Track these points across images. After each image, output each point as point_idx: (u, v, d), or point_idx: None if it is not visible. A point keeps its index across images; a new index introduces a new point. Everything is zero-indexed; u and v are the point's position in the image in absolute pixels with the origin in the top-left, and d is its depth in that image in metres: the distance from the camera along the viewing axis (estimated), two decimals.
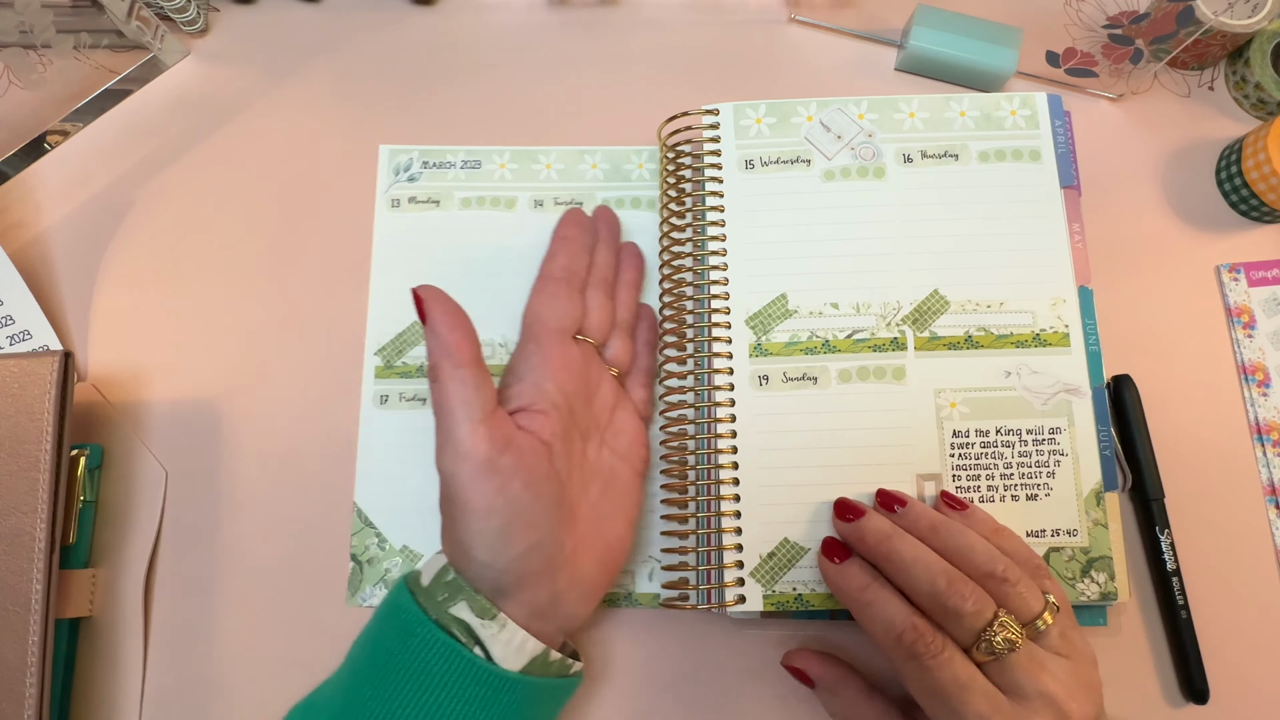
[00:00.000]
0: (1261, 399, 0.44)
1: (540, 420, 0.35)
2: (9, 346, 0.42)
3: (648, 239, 0.45)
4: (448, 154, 0.46)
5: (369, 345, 0.44)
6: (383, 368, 0.43)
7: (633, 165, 0.46)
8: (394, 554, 0.41)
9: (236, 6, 0.51)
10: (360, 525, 0.41)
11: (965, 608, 0.31)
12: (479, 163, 0.46)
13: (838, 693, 0.37)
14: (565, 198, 0.46)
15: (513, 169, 0.46)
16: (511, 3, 0.51)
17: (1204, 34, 0.44)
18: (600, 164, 0.46)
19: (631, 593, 0.40)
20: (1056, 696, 0.31)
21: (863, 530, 0.35)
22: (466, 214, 0.45)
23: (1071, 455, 0.39)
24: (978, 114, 0.43)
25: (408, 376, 0.43)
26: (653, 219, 0.45)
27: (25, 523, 0.36)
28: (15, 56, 0.46)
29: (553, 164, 0.46)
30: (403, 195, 0.46)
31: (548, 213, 0.45)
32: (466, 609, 0.32)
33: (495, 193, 0.46)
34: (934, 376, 0.39)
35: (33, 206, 0.46)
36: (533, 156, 0.46)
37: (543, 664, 0.33)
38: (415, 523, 0.41)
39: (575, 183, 0.46)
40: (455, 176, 0.46)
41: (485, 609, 0.32)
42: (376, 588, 0.40)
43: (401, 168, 0.46)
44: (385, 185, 0.46)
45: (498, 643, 0.32)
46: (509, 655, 0.32)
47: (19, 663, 0.35)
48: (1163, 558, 0.41)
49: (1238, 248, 0.47)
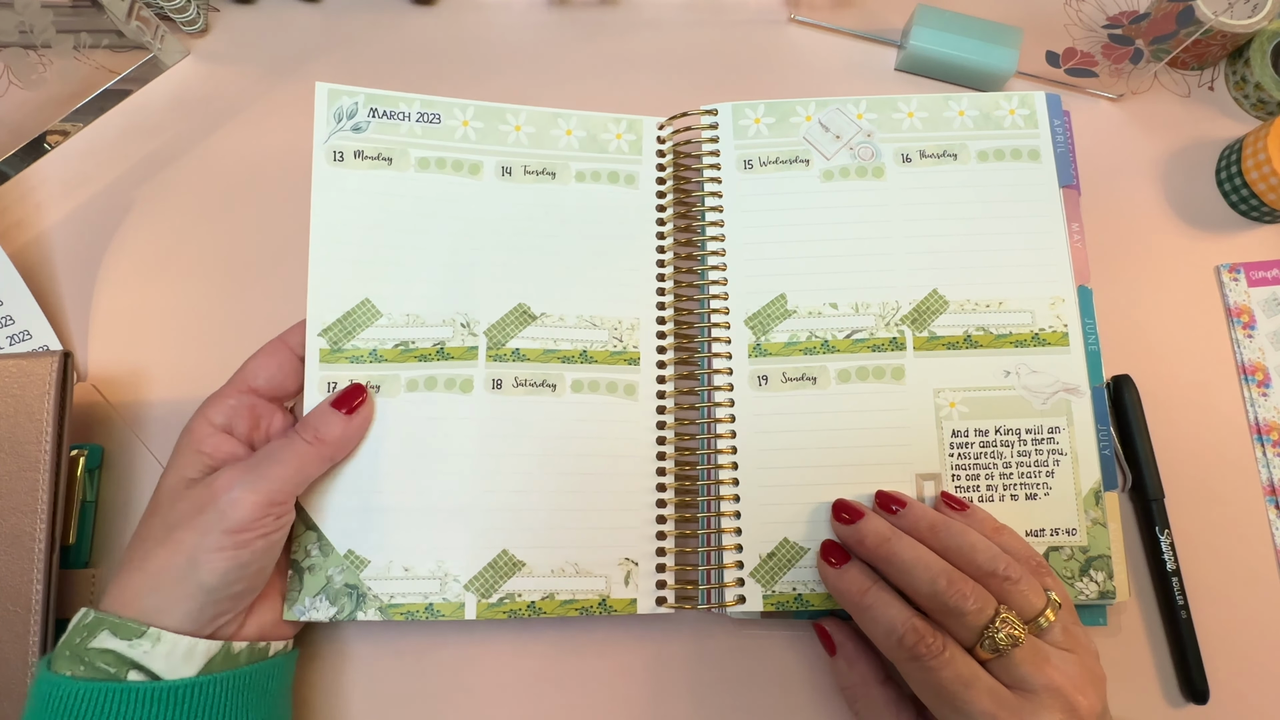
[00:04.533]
0: (1261, 399, 0.44)
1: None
2: (9, 346, 0.42)
3: (626, 216, 0.42)
4: (400, 102, 0.41)
5: (311, 326, 0.38)
6: (328, 351, 0.38)
7: (610, 135, 0.42)
8: (337, 560, 0.37)
9: (236, 6, 0.51)
10: (302, 527, 0.37)
11: (966, 606, 0.31)
12: (438, 116, 0.41)
13: (854, 666, 0.36)
14: (536, 166, 0.41)
15: (477, 128, 0.41)
16: (511, 3, 0.51)
17: (1204, 34, 0.44)
18: (576, 130, 0.42)
19: (605, 599, 0.38)
20: (1064, 689, 0.31)
21: (861, 532, 0.35)
22: (424, 177, 0.40)
23: (1070, 455, 0.39)
24: (976, 113, 0.43)
25: (359, 361, 0.38)
26: (630, 195, 0.42)
27: (25, 523, 0.36)
28: (15, 56, 0.46)
29: (523, 126, 0.42)
30: (347, 148, 0.40)
31: (517, 182, 0.41)
32: (110, 637, 0.31)
33: (458, 154, 0.41)
34: (933, 376, 0.39)
35: (33, 206, 0.46)
36: (500, 115, 0.42)
37: (225, 658, 0.32)
38: (363, 524, 0.37)
39: (547, 149, 0.42)
40: (410, 131, 0.41)
41: (132, 629, 0.31)
42: (318, 599, 0.36)
43: (345, 113, 0.40)
44: (325, 133, 0.40)
45: (157, 657, 0.31)
46: (176, 665, 0.31)
47: (19, 663, 0.35)
48: (1163, 558, 0.41)
49: (1238, 248, 0.47)
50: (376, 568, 0.37)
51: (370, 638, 0.40)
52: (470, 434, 0.38)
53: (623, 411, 0.40)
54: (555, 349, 0.40)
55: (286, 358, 0.38)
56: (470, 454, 0.38)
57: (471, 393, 0.39)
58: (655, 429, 0.40)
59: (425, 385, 0.39)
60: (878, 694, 0.35)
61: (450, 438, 0.38)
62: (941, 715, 0.32)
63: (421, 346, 0.39)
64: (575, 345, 0.40)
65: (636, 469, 0.39)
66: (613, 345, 0.40)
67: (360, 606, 0.36)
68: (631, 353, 0.40)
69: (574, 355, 0.40)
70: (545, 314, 0.40)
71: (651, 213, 0.42)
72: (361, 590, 0.37)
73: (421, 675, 0.39)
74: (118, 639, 0.31)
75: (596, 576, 0.38)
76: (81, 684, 0.30)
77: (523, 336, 0.40)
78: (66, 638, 0.31)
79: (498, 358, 0.39)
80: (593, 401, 0.39)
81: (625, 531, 0.39)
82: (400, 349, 0.39)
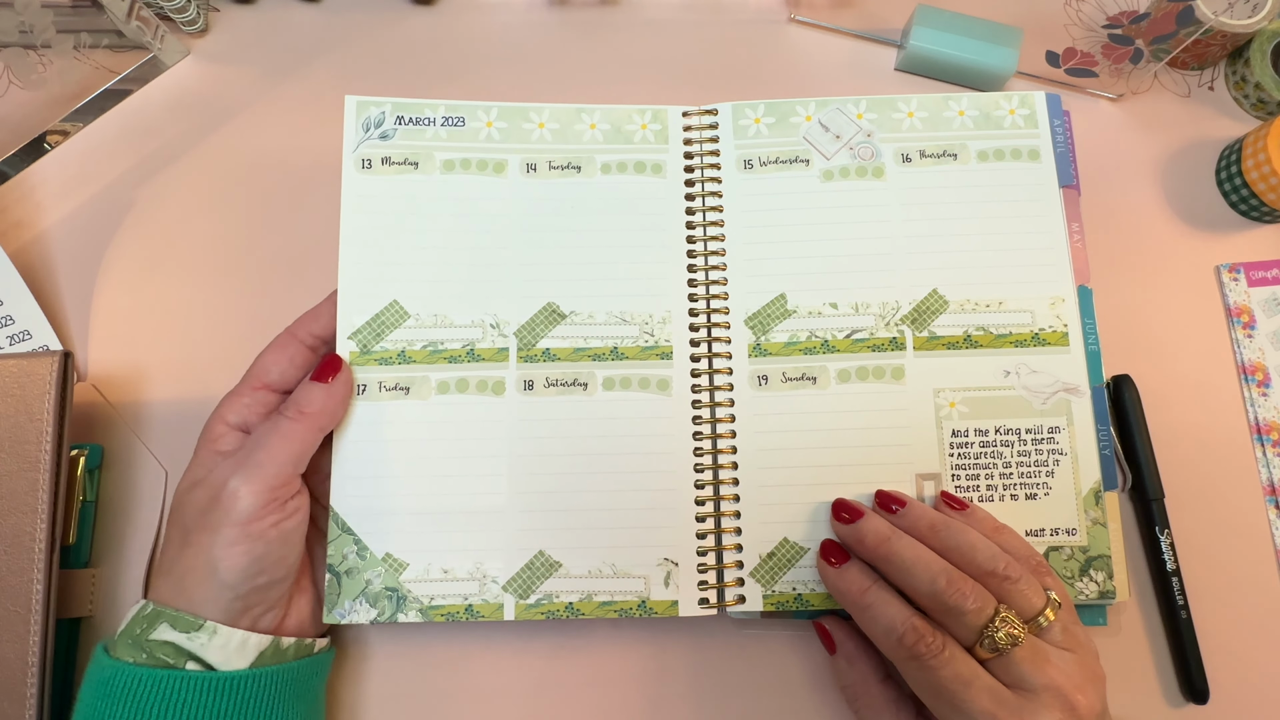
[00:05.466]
0: (1261, 399, 0.44)
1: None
2: (9, 346, 0.42)
3: (655, 206, 0.41)
4: (426, 109, 0.41)
5: (341, 329, 0.39)
6: (358, 354, 0.39)
7: (635, 126, 0.42)
8: (375, 563, 0.37)
9: (236, 6, 0.51)
10: (338, 531, 0.37)
11: (966, 605, 0.31)
12: (462, 120, 0.42)
13: (854, 665, 0.36)
14: (561, 161, 0.41)
15: (501, 128, 0.42)
16: (511, 3, 0.51)
17: (1204, 34, 0.44)
18: (600, 124, 0.42)
19: (645, 600, 0.37)
20: (1063, 688, 0.31)
21: (861, 532, 0.35)
22: (449, 178, 0.41)
23: (1070, 454, 0.39)
24: (976, 113, 0.43)
25: (388, 363, 0.39)
26: (659, 185, 0.42)
27: (25, 523, 0.36)
28: (15, 56, 0.46)
29: (546, 123, 0.42)
30: (375, 155, 0.41)
31: (542, 178, 0.41)
32: (169, 629, 0.32)
33: (482, 154, 0.41)
34: (933, 376, 0.39)
35: (33, 206, 0.46)
36: (524, 114, 0.42)
37: (275, 653, 0.34)
38: (399, 527, 0.37)
39: (572, 144, 0.42)
40: (435, 135, 0.41)
41: (189, 623, 0.32)
42: (357, 602, 0.37)
43: (373, 123, 0.41)
44: (354, 143, 0.41)
45: (213, 649, 0.32)
46: (230, 657, 0.32)
47: (19, 663, 0.35)
48: (1163, 558, 0.41)
49: (1238, 248, 0.47)
50: (416, 570, 0.37)
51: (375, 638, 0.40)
52: (503, 435, 0.39)
53: (657, 407, 0.39)
54: (586, 347, 0.40)
55: (297, 350, 0.38)
56: (504, 455, 0.38)
57: (504, 395, 0.39)
58: (692, 424, 0.39)
59: (457, 388, 0.39)
60: (878, 693, 0.35)
61: (483, 440, 0.39)
62: (941, 714, 0.32)
63: (451, 348, 0.39)
64: (606, 342, 0.40)
65: (674, 466, 0.39)
66: (644, 340, 0.40)
67: (401, 608, 0.37)
68: (664, 347, 0.40)
69: (604, 353, 0.40)
70: (574, 312, 0.40)
71: (680, 201, 0.42)
72: (402, 593, 0.37)
73: (422, 675, 0.39)
74: (176, 631, 0.32)
75: (635, 578, 0.38)
76: (145, 670, 0.31)
77: (553, 336, 0.40)
78: (127, 626, 0.32)
79: (529, 359, 0.39)
80: (625, 399, 0.39)
81: (665, 530, 0.38)
82: (429, 350, 0.39)
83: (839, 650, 0.37)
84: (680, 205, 0.41)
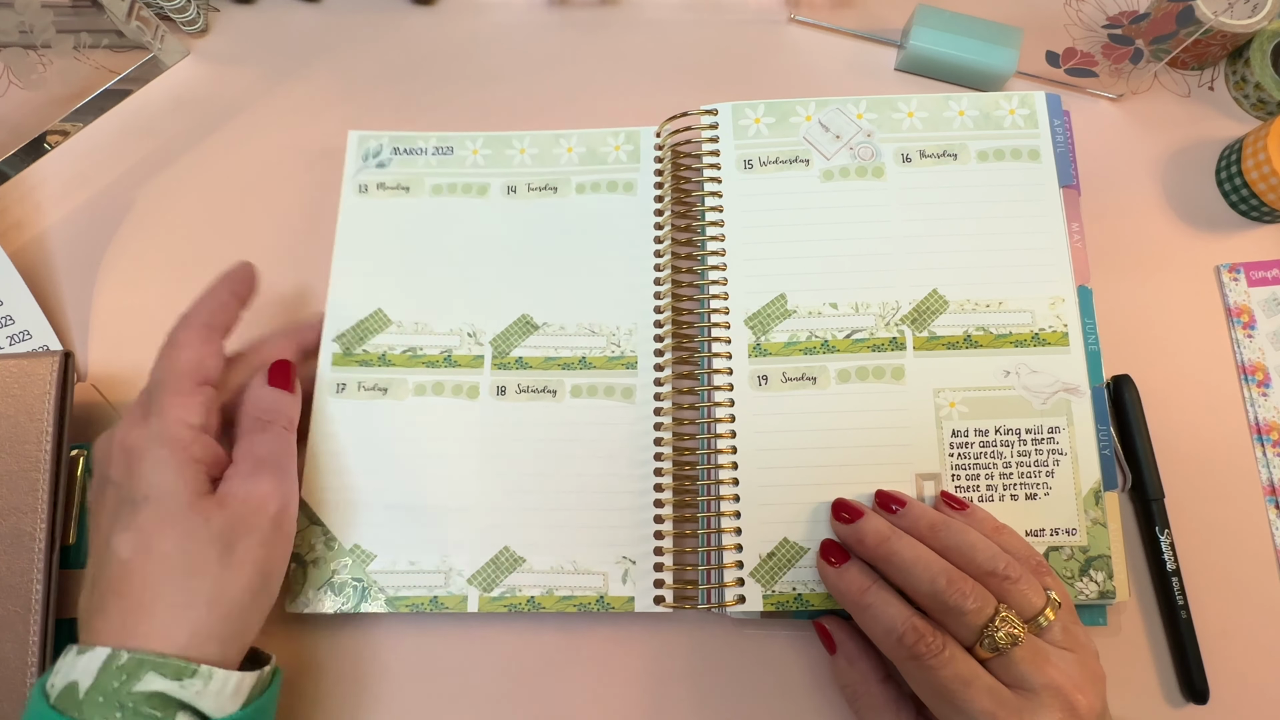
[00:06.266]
0: (1261, 399, 0.44)
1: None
2: (9, 346, 0.42)
3: (627, 223, 0.43)
4: (419, 140, 0.45)
5: (327, 332, 0.41)
6: (341, 355, 0.41)
7: (609, 148, 0.45)
8: (343, 554, 0.38)
9: (236, 6, 0.51)
10: (306, 522, 0.39)
11: (966, 605, 0.31)
12: (451, 149, 0.45)
13: (854, 665, 0.36)
14: (539, 183, 0.44)
15: (486, 155, 0.45)
16: (511, 3, 0.51)
17: (1204, 34, 0.44)
18: (576, 147, 0.45)
19: (603, 596, 0.38)
20: (1063, 688, 0.31)
21: (861, 532, 0.35)
22: (437, 200, 0.44)
23: (1070, 454, 0.39)
24: (976, 113, 0.43)
25: (368, 365, 0.41)
26: (631, 202, 0.43)
27: (25, 523, 0.36)
28: (15, 56, 0.46)
29: (526, 149, 0.45)
30: (371, 181, 0.44)
31: (521, 199, 0.44)
32: (157, 678, 0.28)
33: (468, 179, 0.44)
34: (933, 376, 0.39)
35: (33, 206, 0.46)
36: (506, 142, 0.45)
37: (260, 685, 0.32)
38: (370, 520, 0.39)
39: (550, 167, 0.44)
40: (427, 163, 0.45)
41: (181, 668, 0.29)
42: (322, 591, 0.38)
43: (371, 153, 0.45)
44: (353, 170, 0.44)
45: (208, 696, 0.29)
46: (224, 703, 0.30)
47: (19, 663, 0.35)
48: (1163, 558, 0.41)
49: (1238, 248, 0.47)
50: (383, 561, 0.39)
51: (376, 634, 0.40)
52: (475, 437, 0.40)
53: (620, 414, 0.40)
54: (556, 356, 0.41)
55: (219, 342, 0.36)
56: (474, 456, 0.40)
57: (477, 399, 0.41)
58: (652, 430, 0.40)
59: (433, 390, 0.41)
60: (878, 692, 0.35)
61: (456, 440, 0.40)
62: (941, 714, 0.32)
63: (429, 353, 0.42)
64: (575, 352, 0.42)
65: (633, 470, 0.40)
66: (610, 350, 0.41)
67: (366, 598, 0.38)
68: (629, 357, 0.41)
69: (573, 362, 0.41)
70: (547, 323, 0.42)
71: (649, 217, 0.43)
72: (367, 583, 0.38)
73: (422, 673, 0.39)
74: (166, 679, 0.29)
75: (595, 574, 0.39)
76: None
77: (526, 345, 0.42)
78: (96, 682, 0.28)
79: (502, 366, 0.41)
80: (591, 405, 0.41)
81: (622, 530, 0.39)
82: (409, 354, 0.42)
83: (839, 650, 0.37)
84: (649, 221, 0.43)
